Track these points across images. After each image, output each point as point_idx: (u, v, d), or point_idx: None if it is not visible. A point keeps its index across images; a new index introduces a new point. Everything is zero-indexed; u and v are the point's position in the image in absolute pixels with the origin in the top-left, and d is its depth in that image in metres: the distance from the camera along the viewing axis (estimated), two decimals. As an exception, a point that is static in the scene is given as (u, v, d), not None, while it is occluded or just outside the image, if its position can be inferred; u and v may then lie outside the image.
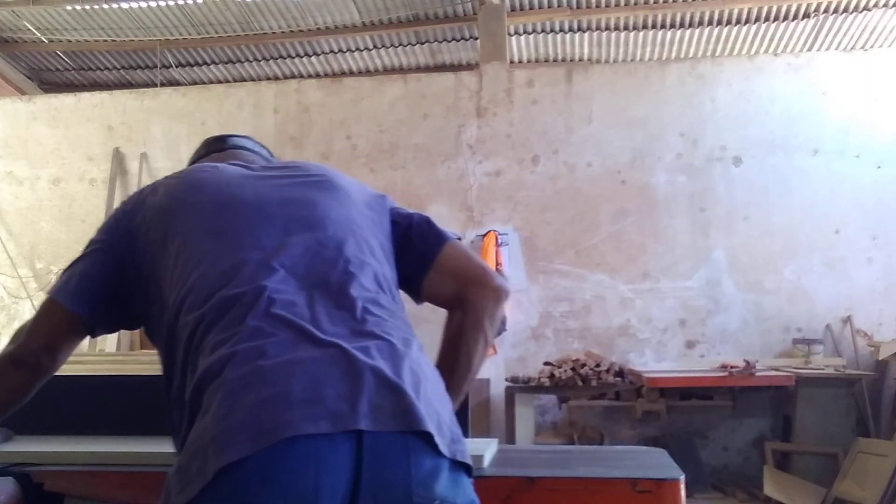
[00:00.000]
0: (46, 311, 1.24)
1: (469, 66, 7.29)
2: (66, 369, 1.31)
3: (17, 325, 6.38)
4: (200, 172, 1.28)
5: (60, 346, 1.25)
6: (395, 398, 1.01)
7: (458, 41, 7.28)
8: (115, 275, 1.22)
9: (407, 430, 1.00)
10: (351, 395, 0.99)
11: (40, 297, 6.31)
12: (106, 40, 7.29)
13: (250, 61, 7.66)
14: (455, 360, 1.29)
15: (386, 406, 1.00)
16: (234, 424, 0.94)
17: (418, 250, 1.31)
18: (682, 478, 1.25)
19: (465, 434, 1.65)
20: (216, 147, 1.46)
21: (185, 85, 7.64)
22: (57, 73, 7.99)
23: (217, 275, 1.10)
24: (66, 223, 6.47)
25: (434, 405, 1.05)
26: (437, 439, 1.01)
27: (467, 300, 1.30)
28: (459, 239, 1.35)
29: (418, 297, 1.36)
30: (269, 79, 7.71)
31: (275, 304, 1.06)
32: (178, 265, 1.14)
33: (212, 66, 7.78)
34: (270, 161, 1.46)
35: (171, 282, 1.13)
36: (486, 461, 1.38)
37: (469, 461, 1.07)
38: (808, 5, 6.57)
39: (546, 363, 5.42)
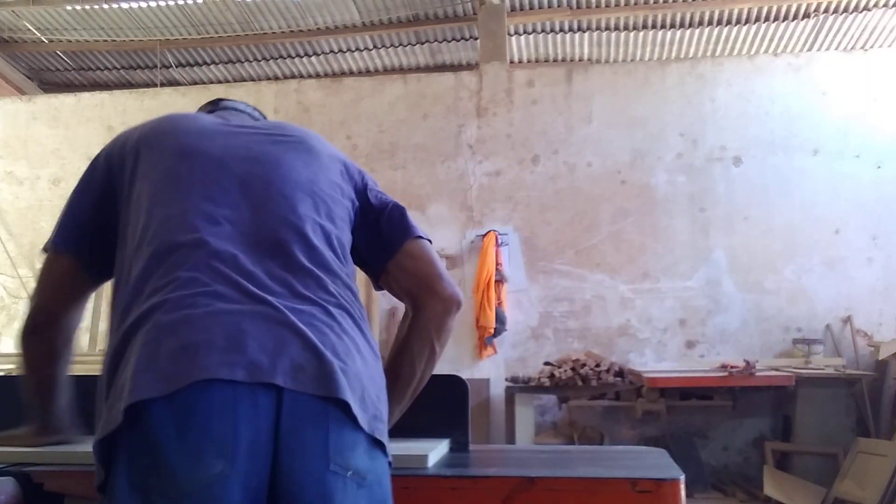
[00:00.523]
0: (43, 266, 1.26)
1: (469, 66, 7.29)
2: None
3: (17, 325, 6.39)
4: (176, 119, 1.30)
5: (66, 296, 1.27)
6: (318, 363, 1.01)
7: (458, 41, 7.28)
8: (99, 210, 1.22)
9: (327, 396, 1.00)
10: (273, 350, 0.99)
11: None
12: (106, 40, 7.29)
13: (250, 61, 7.66)
14: (400, 365, 1.29)
15: (308, 369, 1.00)
16: (151, 367, 0.96)
17: (384, 239, 1.31)
18: (682, 478, 1.25)
19: (466, 434, 1.65)
20: (207, 109, 1.51)
21: (185, 85, 7.64)
22: (57, 73, 7.99)
23: (163, 221, 1.10)
24: (66, 223, 6.47)
25: (361, 379, 1.05)
26: (357, 411, 1.01)
27: (417, 304, 1.30)
28: (430, 241, 1.32)
29: (376, 284, 1.38)
30: (269, 79, 7.72)
31: (214, 256, 1.06)
32: (135, 207, 1.15)
33: (212, 66, 7.78)
34: (257, 120, 1.45)
35: (130, 222, 1.15)
36: (431, 461, 1.35)
37: (386, 441, 1.07)
38: (808, 5, 6.57)
39: (546, 363, 5.42)
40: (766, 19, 6.77)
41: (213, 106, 1.52)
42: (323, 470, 0.99)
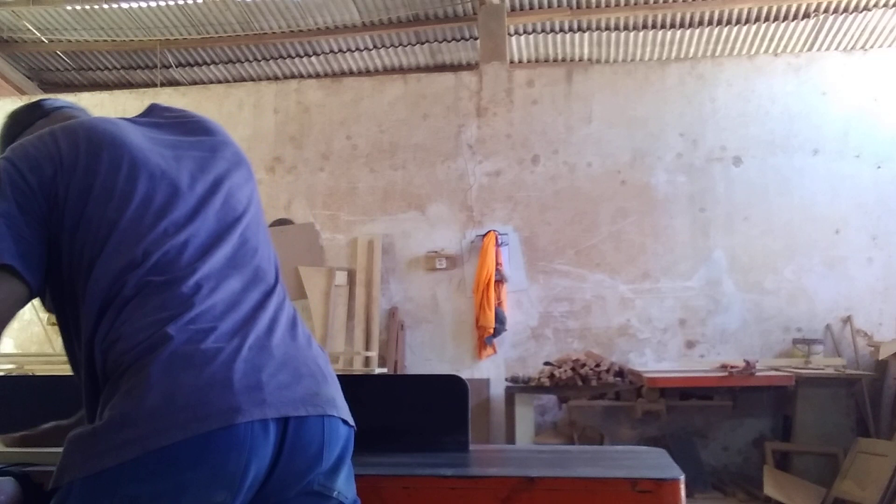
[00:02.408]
0: None
1: (469, 66, 7.29)
2: (65, 370, 1.31)
3: (17, 324, 6.39)
4: (106, 126, 1.18)
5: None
6: (324, 386, 1.12)
7: (458, 41, 7.28)
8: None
9: (322, 415, 1.10)
10: (290, 382, 1.07)
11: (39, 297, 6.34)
12: (106, 40, 7.29)
13: (250, 61, 7.66)
14: None
15: (318, 393, 1.10)
16: (178, 403, 0.97)
17: None
18: (682, 478, 1.25)
19: (466, 434, 1.65)
20: (40, 113, 1.37)
21: (185, 85, 7.64)
22: (57, 73, 7.99)
23: (133, 246, 1.07)
24: (66, 223, 6.46)
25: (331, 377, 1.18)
26: (347, 417, 1.16)
27: None
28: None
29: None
30: (269, 79, 7.71)
31: (208, 289, 1.09)
32: (88, 224, 1.08)
33: (212, 66, 7.78)
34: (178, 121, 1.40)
35: (79, 238, 1.07)
36: None
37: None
38: (808, 5, 6.57)
39: (546, 363, 5.42)
40: (766, 19, 6.77)
41: (42, 109, 1.40)
42: (303, 493, 1.10)
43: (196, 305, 1.05)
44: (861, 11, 6.61)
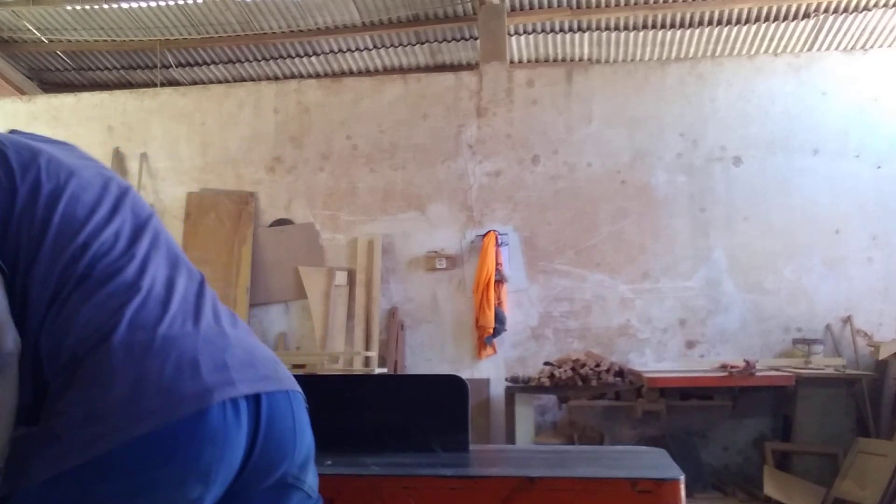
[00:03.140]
0: None
1: (469, 66, 7.29)
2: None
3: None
4: (18, 137, 1.15)
5: None
6: (279, 366, 1.13)
7: (458, 41, 7.28)
8: None
9: (287, 390, 1.11)
10: (250, 361, 1.07)
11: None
12: (106, 40, 7.29)
13: (250, 61, 7.66)
14: None
15: (277, 370, 1.11)
16: (147, 390, 0.94)
17: None
18: (682, 478, 1.25)
19: (466, 434, 1.65)
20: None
21: (185, 85, 7.64)
22: (57, 73, 7.99)
23: (71, 240, 1.05)
24: (66, 223, 6.46)
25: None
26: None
27: None
28: None
29: None
30: (269, 79, 7.71)
31: (149, 275, 1.08)
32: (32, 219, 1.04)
33: (212, 66, 7.78)
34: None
35: (9, 241, 1.03)
36: None
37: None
38: (808, 5, 6.57)
39: (546, 363, 5.42)
40: (766, 19, 6.77)
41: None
42: (278, 484, 1.09)
43: (142, 290, 1.04)
44: (861, 11, 6.62)
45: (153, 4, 6.71)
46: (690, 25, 6.91)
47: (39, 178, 1.07)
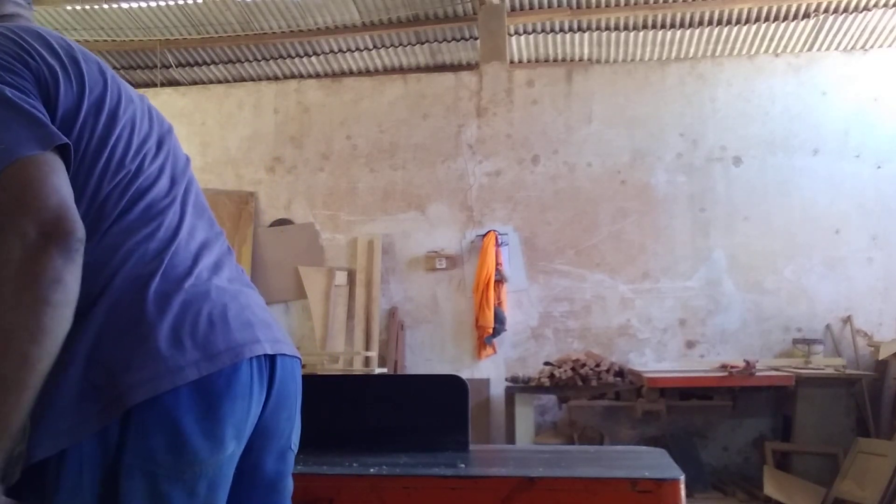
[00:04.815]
0: (35, 172, 0.90)
1: (469, 66, 7.28)
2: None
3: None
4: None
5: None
6: (282, 330, 1.13)
7: (458, 41, 7.27)
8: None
9: (295, 355, 1.12)
10: (268, 321, 1.08)
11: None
12: (106, 40, 7.28)
13: (250, 61, 7.65)
14: None
15: (284, 334, 1.13)
16: (183, 343, 0.93)
17: None
18: (682, 478, 1.25)
19: (466, 434, 1.65)
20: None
21: (185, 85, 7.63)
22: (57, 73, 7.98)
23: (122, 164, 1.04)
24: (66, 223, 6.46)
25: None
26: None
27: None
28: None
29: None
30: (269, 79, 7.71)
31: (188, 224, 1.09)
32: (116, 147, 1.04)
33: (212, 66, 7.77)
34: None
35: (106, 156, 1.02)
36: None
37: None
38: (808, 5, 6.56)
39: (546, 363, 5.42)
40: (766, 19, 6.77)
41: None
42: (285, 447, 1.10)
43: (178, 238, 1.04)
44: (861, 11, 6.61)
45: (153, 4, 6.70)
46: (690, 25, 6.91)
47: (104, 95, 1.05)
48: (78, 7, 6.74)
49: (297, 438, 1.14)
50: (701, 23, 6.86)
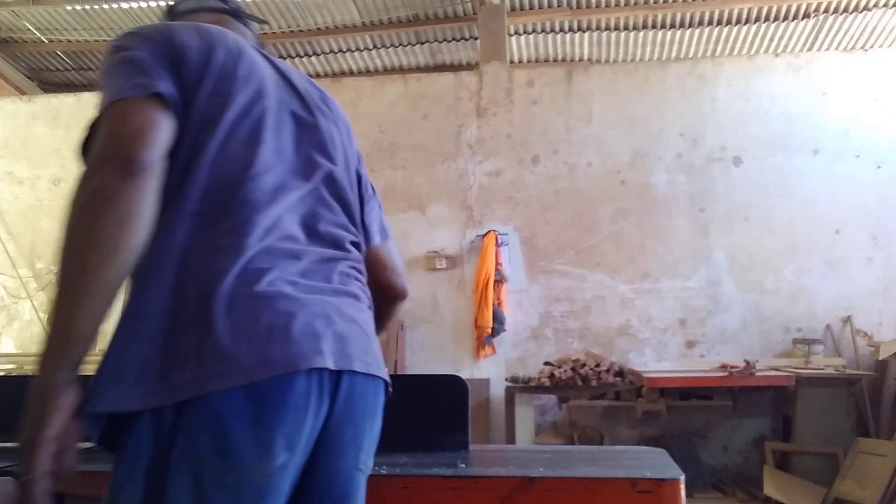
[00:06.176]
0: (121, 112, 0.98)
1: (469, 66, 7.29)
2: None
3: (17, 325, 6.39)
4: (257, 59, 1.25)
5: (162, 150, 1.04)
6: (368, 342, 1.09)
7: (458, 41, 7.28)
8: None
9: (375, 375, 1.09)
10: (346, 335, 1.04)
11: (40, 297, 6.31)
12: (106, 40, 7.28)
13: (250, 61, 7.65)
14: None
15: (368, 351, 1.07)
16: (237, 345, 0.92)
17: None
18: (682, 478, 1.25)
19: (466, 434, 1.65)
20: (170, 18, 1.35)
21: (185, 85, 7.63)
22: (57, 73, 7.99)
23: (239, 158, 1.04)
24: (66, 223, 6.46)
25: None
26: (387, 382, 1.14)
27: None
28: None
29: None
30: (269, 79, 7.70)
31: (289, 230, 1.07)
32: (236, 136, 1.06)
33: (212, 66, 7.77)
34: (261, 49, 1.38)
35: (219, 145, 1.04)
36: None
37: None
38: (808, 5, 6.57)
39: (546, 363, 5.42)
40: (766, 19, 6.77)
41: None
42: (352, 468, 1.06)
43: (266, 238, 1.01)
44: (861, 11, 6.61)
45: (153, 4, 6.71)
46: (690, 25, 6.91)
47: (233, 74, 1.11)
48: (78, 7, 6.74)
49: (369, 460, 1.11)
50: (701, 23, 6.86)
